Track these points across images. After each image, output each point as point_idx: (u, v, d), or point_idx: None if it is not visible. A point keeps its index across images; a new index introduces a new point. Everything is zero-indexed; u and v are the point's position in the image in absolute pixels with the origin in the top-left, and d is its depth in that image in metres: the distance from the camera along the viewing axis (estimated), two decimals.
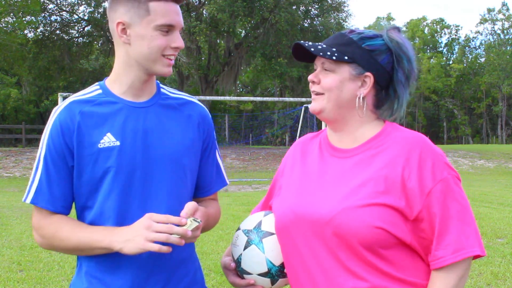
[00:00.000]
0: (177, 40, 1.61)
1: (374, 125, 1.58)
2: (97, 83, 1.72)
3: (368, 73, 1.52)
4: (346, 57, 1.51)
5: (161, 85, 1.77)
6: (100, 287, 1.62)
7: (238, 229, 1.70)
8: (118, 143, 1.59)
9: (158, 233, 1.46)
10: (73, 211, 1.67)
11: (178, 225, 1.49)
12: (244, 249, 1.63)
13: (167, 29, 1.58)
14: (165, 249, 1.47)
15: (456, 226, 1.43)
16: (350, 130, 1.57)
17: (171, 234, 1.46)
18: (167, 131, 1.67)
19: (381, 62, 1.53)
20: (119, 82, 1.66)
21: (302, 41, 1.55)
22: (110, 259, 1.58)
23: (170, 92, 1.78)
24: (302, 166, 1.65)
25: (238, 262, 1.65)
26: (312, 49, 1.52)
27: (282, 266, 1.61)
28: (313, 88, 1.57)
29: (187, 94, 1.83)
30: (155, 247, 1.46)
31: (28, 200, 1.60)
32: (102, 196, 1.59)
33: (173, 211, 1.57)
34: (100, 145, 1.59)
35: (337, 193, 1.49)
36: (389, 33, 1.55)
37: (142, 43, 1.58)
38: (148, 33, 1.57)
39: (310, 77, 1.57)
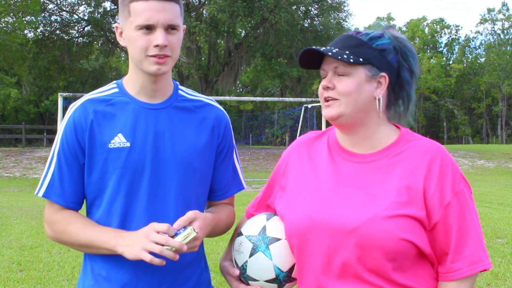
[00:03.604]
0: (158, 38, 1.53)
1: (389, 129, 1.56)
2: (114, 81, 1.72)
3: (383, 73, 1.50)
4: (361, 59, 1.47)
5: (180, 87, 1.75)
6: (105, 285, 1.63)
7: (240, 234, 1.64)
8: (128, 144, 1.60)
9: (153, 244, 1.46)
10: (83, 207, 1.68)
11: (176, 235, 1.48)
12: (250, 257, 1.58)
13: (147, 28, 1.55)
14: (157, 261, 1.46)
15: (473, 238, 1.45)
16: (366, 134, 1.53)
17: (166, 245, 1.45)
18: (179, 133, 1.65)
19: (391, 61, 1.51)
20: (132, 82, 1.67)
21: (314, 47, 1.50)
22: (115, 258, 1.59)
23: (189, 94, 1.75)
24: (312, 169, 1.60)
25: (243, 269, 1.60)
26: (330, 53, 1.46)
27: (289, 271, 1.58)
28: (326, 94, 1.51)
29: (207, 97, 1.79)
30: (148, 258, 1.46)
31: (41, 194, 1.63)
32: (109, 196, 1.61)
33: (180, 215, 1.56)
34: (111, 145, 1.60)
35: (358, 201, 1.46)
36: (390, 32, 1.54)
37: (130, 44, 1.59)
38: (132, 35, 1.57)
39: (324, 83, 1.51)
